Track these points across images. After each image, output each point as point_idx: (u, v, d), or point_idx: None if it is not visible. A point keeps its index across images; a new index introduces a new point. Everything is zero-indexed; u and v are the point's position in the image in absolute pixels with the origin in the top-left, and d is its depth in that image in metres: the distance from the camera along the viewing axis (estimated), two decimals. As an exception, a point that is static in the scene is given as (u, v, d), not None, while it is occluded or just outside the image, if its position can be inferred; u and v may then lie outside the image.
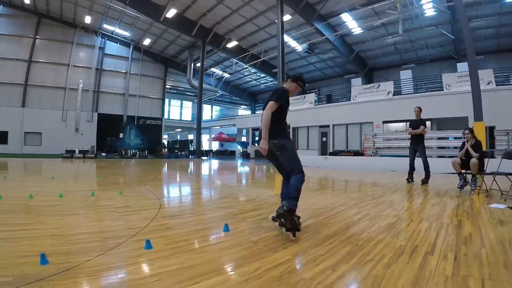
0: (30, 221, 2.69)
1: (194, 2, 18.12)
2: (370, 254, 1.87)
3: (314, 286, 1.39)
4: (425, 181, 5.77)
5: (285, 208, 2.27)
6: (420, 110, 6.06)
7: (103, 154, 21.65)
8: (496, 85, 12.55)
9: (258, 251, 1.93)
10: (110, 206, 3.47)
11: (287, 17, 16.31)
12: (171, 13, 18.53)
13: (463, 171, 4.87)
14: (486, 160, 4.71)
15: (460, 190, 4.86)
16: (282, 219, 2.27)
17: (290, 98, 2.65)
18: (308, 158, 14.60)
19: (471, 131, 4.91)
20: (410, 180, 6.10)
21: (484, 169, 4.68)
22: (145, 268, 1.72)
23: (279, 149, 2.47)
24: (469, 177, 4.88)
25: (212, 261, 1.77)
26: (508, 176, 4.04)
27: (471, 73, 9.19)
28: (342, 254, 1.86)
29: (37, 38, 22.02)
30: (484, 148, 5.79)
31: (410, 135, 6.12)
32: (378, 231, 2.45)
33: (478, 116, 8.93)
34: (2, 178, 6.31)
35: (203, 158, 22.75)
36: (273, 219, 2.46)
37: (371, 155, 13.00)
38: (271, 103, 2.45)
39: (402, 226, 2.66)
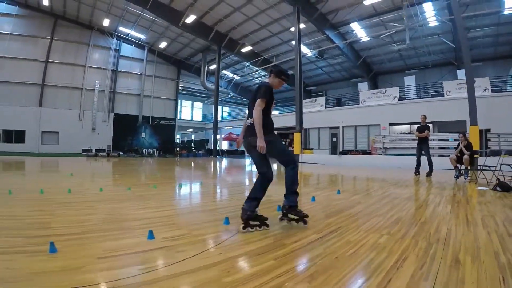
0: (160, 205, 3.21)
1: (212, 9, 19.17)
2: (403, 208, 3.27)
3: (381, 219, 2.74)
4: (429, 174, 7.19)
5: (286, 207, 2.50)
6: (425, 117, 7.51)
7: (120, 153, 21.95)
8: (492, 91, 13.86)
9: (338, 210, 3.21)
10: (205, 192, 4.52)
11: (301, 26, 17.53)
12: (190, 19, 19.56)
13: (457, 165, 6.28)
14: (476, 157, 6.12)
15: (456, 180, 6.27)
16: (289, 215, 2.51)
17: (303, 101, 3.09)
18: (323, 157, 15.99)
19: (464, 134, 6.36)
20: (417, 173, 7.51)
21: (474, 164, 6.10)
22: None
23: (267, 145, 2.39)
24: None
25: (316, 215, 2.91)
26: (491, 169, 5.43)
27: (468, 83, 10.55)
28: (387, 208, 3.25)
29: (53, 39, 22.35)
30: (476, 148, 7.21)
31: (417, 137, 7.56)
32: (403, 199, 3.86)
33: (473, 121, 10.28)
34: (69, 174, 6.57)
35: (218, 157, 23.52)
36: (281, 219, 2.57)
37: (380, 154, 14.36)
38: (259, 101, 2.42)
39: (417, 197, 4.13)
